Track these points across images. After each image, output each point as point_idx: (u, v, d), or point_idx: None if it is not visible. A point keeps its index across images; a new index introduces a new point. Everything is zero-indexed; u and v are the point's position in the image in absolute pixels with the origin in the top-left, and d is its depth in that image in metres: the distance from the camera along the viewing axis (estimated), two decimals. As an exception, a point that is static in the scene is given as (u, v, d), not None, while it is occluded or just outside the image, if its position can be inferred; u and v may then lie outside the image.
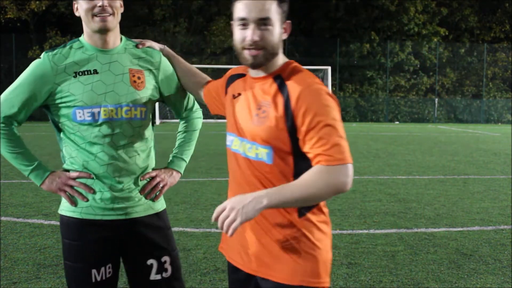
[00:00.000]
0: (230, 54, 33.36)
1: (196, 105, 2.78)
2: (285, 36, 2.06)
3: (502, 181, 9.96)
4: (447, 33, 36.76)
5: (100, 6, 2.34)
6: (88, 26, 2.40)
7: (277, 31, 2.01)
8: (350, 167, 1.89)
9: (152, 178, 2.55)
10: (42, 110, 2.52)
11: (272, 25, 1.99)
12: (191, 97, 2.73)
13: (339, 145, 1.88)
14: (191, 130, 2.76)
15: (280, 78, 2.03)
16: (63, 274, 4.27)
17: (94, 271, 2.42)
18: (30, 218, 6.49)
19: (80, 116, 2.37)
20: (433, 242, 5.72)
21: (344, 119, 31.02)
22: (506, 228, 6.39)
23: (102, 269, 2.45)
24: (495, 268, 4.91)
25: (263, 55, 2.01)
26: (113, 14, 2.38)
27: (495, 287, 4.45)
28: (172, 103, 2.66)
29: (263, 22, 1.98)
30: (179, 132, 2.77)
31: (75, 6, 2.43)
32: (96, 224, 2.43)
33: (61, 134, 2.48)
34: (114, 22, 2.39)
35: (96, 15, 2.36)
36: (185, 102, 2.70)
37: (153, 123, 2.63)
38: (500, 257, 5.22)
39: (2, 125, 2.41)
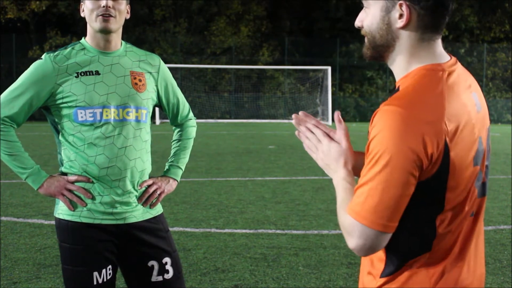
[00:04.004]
0: (230, 54, 33.35)
1: (191, 114, 2.81)
2: (399, 25, 1.49)
3: (502, 181, 9.95)
4: (447, 33, 36.73)
5: (103, 7, 2.37)
6: (91, 26, 2.43)
7: (374, 15, 1.52)
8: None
9: (149, 185, 2.56)
10: (42, 110, 2.51)
11: (369, 7, 1.55)
12: (187, 105, 2.78)
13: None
14: (185, 138, 2.77)
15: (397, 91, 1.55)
16: (63, 274, 4.26)
17: (95, 274, 2.42)
18: (30, 218, 6.49)
19: (82, 117, 2.38)
20: (433, 242, 5.72)
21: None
22: (506, 228, 6.39)
23: (103, 271, 2.44)
24: (495, 268, 4.90)
25: (367, 45, 1.58)
26: (116, 16, 2.40)
27: (495, 287, 4.45)
28: (168, 108, 2.68)
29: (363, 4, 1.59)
30: (174, 140, 2.79)
31: (82, 6, 2.46)
32: (96, 227, 2.42)
33: (60, 137, 2.47)
34: (116, 24, 2.42)
35: (99, 15, 2.38)
36: (181, 109, 2.73)
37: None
38: (500, 257, 5.22)
39: (1, 126, 2.39)
